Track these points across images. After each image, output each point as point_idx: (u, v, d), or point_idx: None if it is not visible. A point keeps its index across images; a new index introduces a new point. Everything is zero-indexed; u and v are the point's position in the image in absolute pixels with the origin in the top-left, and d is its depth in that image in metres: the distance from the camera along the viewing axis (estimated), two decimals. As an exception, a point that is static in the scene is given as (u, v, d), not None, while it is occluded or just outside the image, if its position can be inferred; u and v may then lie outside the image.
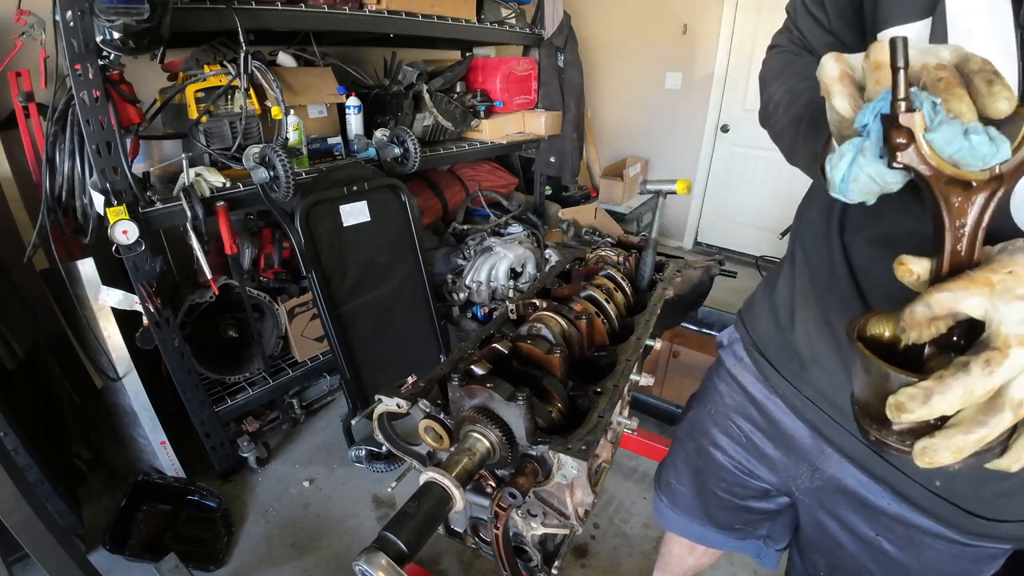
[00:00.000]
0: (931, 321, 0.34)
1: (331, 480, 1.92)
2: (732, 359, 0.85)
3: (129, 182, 1.42)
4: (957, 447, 0.32)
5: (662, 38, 3.85)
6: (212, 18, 1.51)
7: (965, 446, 0.32)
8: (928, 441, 0.33)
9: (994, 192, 0.34)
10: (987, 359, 0.31)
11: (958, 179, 0.35)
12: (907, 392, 0.33)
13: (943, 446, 0.33)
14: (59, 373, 1.79)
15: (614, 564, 1.65)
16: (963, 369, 0.31)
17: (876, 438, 0.37)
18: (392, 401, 0.74)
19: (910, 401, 0.33)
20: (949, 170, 0.34)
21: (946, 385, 0.32)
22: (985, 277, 0.32)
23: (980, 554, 0.63)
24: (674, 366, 2.44)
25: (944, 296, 0.33)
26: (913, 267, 0.36)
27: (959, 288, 0.32)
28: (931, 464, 0.33)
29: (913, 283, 0.37)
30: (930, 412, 0.32)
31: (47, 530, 0.98)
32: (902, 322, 0.35)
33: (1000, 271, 0.33)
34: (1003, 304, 0.32)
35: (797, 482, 0.78)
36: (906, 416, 0.33)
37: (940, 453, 0.33)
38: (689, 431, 0.94)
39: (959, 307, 0.33)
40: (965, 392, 0.31)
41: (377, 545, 0.49)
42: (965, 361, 0.32)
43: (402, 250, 2.12)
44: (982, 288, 0.32)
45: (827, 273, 0.66)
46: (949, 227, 0.35)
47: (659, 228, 1.22)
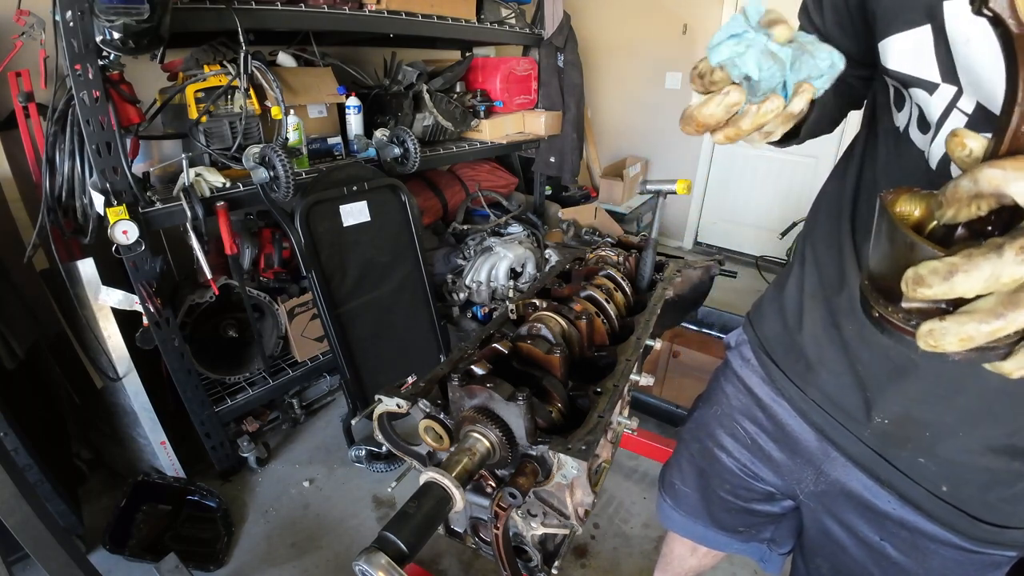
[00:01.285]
0: (974, 199, 0.31)
1: (331, 480, 1.92)
2: (739, 360, 0.85)
3: (129, 182, 1.42)
4: (968, 335, 0.30)
5: (662, 38, 3.85)
6: (212, 18, 1.51)
7: (977, 335, 0.30)
8: (937, 323, 0.31)
9: None
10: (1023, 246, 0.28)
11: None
12: (930, 265, 0.30)
13: (953, 331, 0.30)
14: (59, 373, 1.79)
15: (614, 564, 1.64)
16: (996, 250, 0.29)
17: (880, 314, 0.35)
18: (392, 401, 0.74)
19: (931, 275, 0.30)
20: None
21: (974, 263, 0.29)
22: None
23: (985, 561, 0.62)
24: (674, 366, 2.44)
25: (995, 172, 0.30)
26: (968, 141, 0.33)
27: (1013, 167, 0.29)
28: (934, 347, 0.31)
29: (964, 159, 0.33)
30: (949, 290, 0.29)
31: (47, 530, 0.98)
32: (940, 197, 0.32)
33: None
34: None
35: (801, 485, 0.78)
36: (923, 291, 0.30)
37: (947, 338, 0.30)
38: (694, 432, 0.94)
39: (1008, 188, 0.29)
40: (992, 275, 0.29)
41: (377, 545, 0.49)
42: (1000, 242, 0.29)
43: (402, 250, 2.12)
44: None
45: (836, 274, 0.65)
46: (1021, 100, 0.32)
47: (659, 228, 1.22)
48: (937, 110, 0.49)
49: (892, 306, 0.34)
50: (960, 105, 0.47)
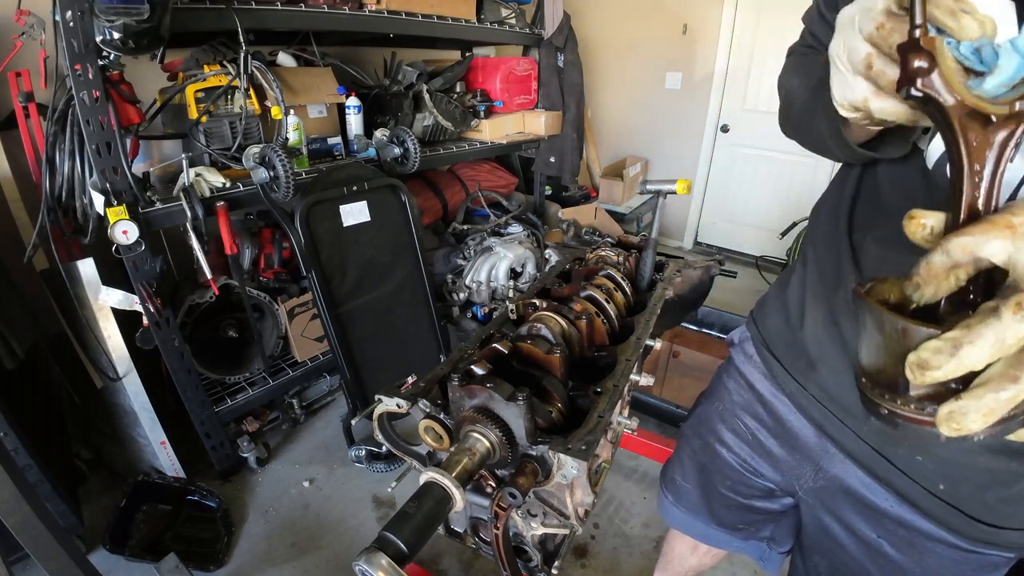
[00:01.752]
0: (950, 271, 0.31)
1: (331, 480, 1.92)
2: (742, 357, 0.86)
3: (129, 182, 1.42)
4: (989, 408, 0.28)
5: (662, 38, 3.85)
6: (212, 18, 1.51)
7: (997, 406, 0.28)
8: (955, 404, 0.29)
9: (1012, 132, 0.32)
10: (1018, 302, 0.27)
11: (977, 113, 0.33)
12: (931, 346, 0.29)
13: (973, 408, 0.28)
14: (59, 373, 1.79)
15: (614, 564, 1.64)
16: (993, 314, 0.28)
17: (890, 410, 0.33)
18: (392, 401, 0.74)
19: (935, 356, 0.29)
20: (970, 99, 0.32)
21: (976, 333, 0.28)
22: (1006, 220, 0.29)
23: (982, 561, 0.63)
24: (674, 366, 2.44)
25: (965, 240, 0.30)
26: (926, 220, 0.33)
27: (980, 232, 0.29)
28: (958, 431, 0.29)
29: (926, 238, 0.34)
30: (959, 366, 0.28)
31: (47, 530, 0.98)
32: (916, 278, 0.33)
33: (1021, 214, 0.30)
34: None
35: (801, 481, 0.78)
36: (931, 374, 0.29)
37: (970, 417, 0.29)
38: (696, 428, 0.94)
39: (981, 251, 0.30)
40: (997, 340, 0.28)
41: (377, 545, 0.49)
42: (994, 306, 0.28)
43: (402, 250, 2.12)
44: (1004, 231, 0.29)
45: (835, 273, 0.66)
46: (968, 171, 0.33)
47: (659, 228, 1.22)
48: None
49: (900, 398, 0.33)
50: None
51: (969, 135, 0.33)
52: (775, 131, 0.76)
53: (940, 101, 0.33)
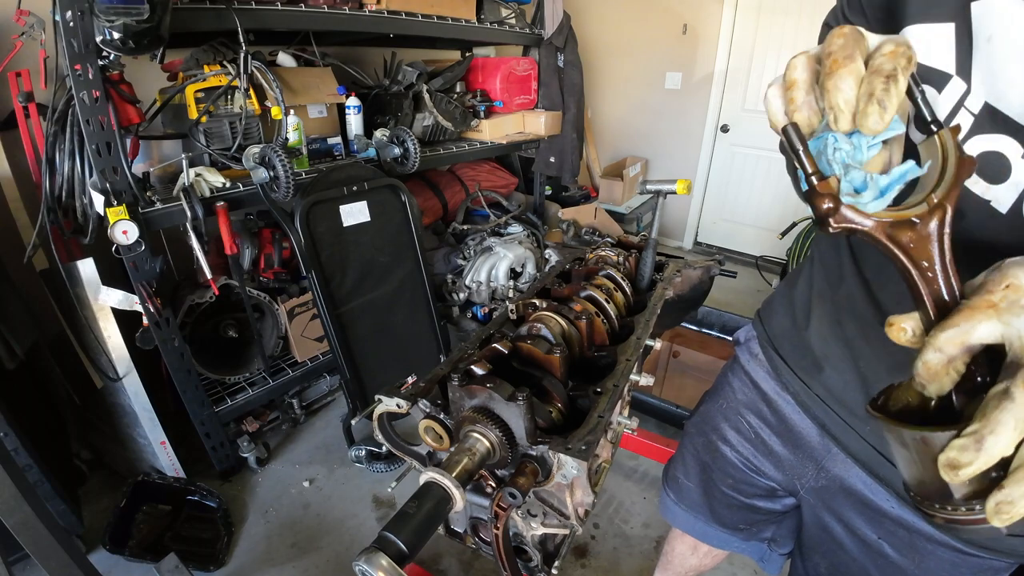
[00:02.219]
0: (948, 365, 0.31)
1: (331, 480, 1.92)
2: (747, 355, 0.86)
3: (129, 182, 1.42)
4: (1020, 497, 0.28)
5: (662, 38, 3.85)
6: (212, 18, 1.51)
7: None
8: (999, 495, 0.28)
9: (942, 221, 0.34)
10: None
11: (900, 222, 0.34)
12: (956, 444, 0.29)
13: (1017, 494, 0.28)
14: (59, 373, 1.79)
15: (614, 564, 1.64)
16: (1006, 398, 0.28)
17: (945, 519, 0.33)
18: (392, 401, 0.74)
19: (962, 453, 0.29)
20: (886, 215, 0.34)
21: (995, 421, 0.28)
22: (985, 300, 0.30)
23: (982, 565, 0.62)
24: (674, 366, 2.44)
25: (951, 333, 0.30)
26: (904, 324, 0.34)
27: (963, 319, 0.30)
28: (1011, 520, 0.28)
29: (910, 341, 0.34)
30: (989, 458, 0.28)
31: (47, 530, 0.98)
32: (918, 378, 0.33)
33: (996, 289, 0.30)
34: (1015, 319, 0.29)
35: (802, 480, 0.78)
36: (964, 472, 0.29)
37: (1017, 504, 0.28)
38: (699, 425, 0.94)
39: (971, 338, 0.30)
40: (1017, 422, 0.28)
41: (377, 545, 0.49)
42: (1004, 389, 0.28)
43: (402, 250, 2.12)
44: (987, 311, 0.30)
45: (837, 273, 0.66)
46: (917, 273, 0.34)
47: (659, 228, 1.22)
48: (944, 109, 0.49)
49: (949, 504, 0.32)
50: (968, 104, 0.47)
51: (902, 241, 0.34)
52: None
53: (860, 229, 0.34)
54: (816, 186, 0.33)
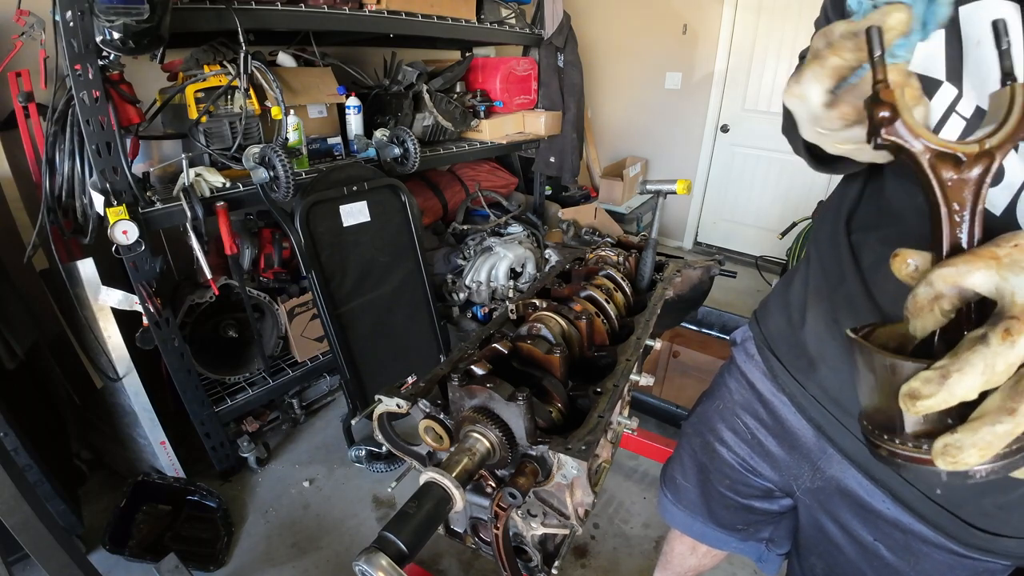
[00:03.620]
0: (934, 302, 0.31)
1: (331, 480, 1.92)
2: (743, 356, 0.86)
3: (129, 182, 1.42)
4: (985, 442, 0.28)
5: (662, 38, 3.85)
6: (212, 18, 1.51)
7: (994, 440, 0.28)
8: (950, 438, 0.29)
9: (986, 168, 0.33)
10: (1007, 328, 0.27)
11: (947, 154, 0.34)
12: (922, 376, 0.29)
13: (968, 442, 0.28)
14: (59, 373, 1.79)
15: (614, 564, 1.64)
16: (981, 342, 0.28)
17: (889, 451, 0.34)
18: (392, 401, 0.74)
19: (925, 385, 0.29)
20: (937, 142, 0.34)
21: (964, 361, 0.28)
22: (990, 252, 0.30)
23: (978, 567, 0.62)
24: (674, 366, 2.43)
25: (947, 271, 0.30)
26: (911, 259, 0.34)
27: (963, 262, 0.30)
28: (955, 465, 0.29)
29: (911, 275, 0.34)
30: (950, 396, 0.28)
31: (47, 530, 0.98)
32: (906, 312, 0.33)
33: (1005, 245, 0.30)
34: (1013, 276, 0.29)
35: (799, 482, 0.78)
36: (922, 403, 0.29)
37: (965, 451, 0.28)
38: (697, 426, 0.95)
39: (964, 281, 0.30)
40: (986, 367, 0.28)
41: (377, 545, 0.49)
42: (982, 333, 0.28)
43: (402, 250, 2.12)
44: (988, 262, 0.29)
45: (836, 272, 0.66)
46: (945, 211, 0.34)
47: (659, 228, 1.22)
48: (936, 114, 0.49)
49: (898, 437, 0.33)
50: (959, 109, 0.47)
51: (942, 176, 0.34)
52: (775, 131, 0.76)
53: (907, 147, 0.34)
54: (881, 92, 0.33)
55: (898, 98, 0.33)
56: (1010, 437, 0.28)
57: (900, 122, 0.34)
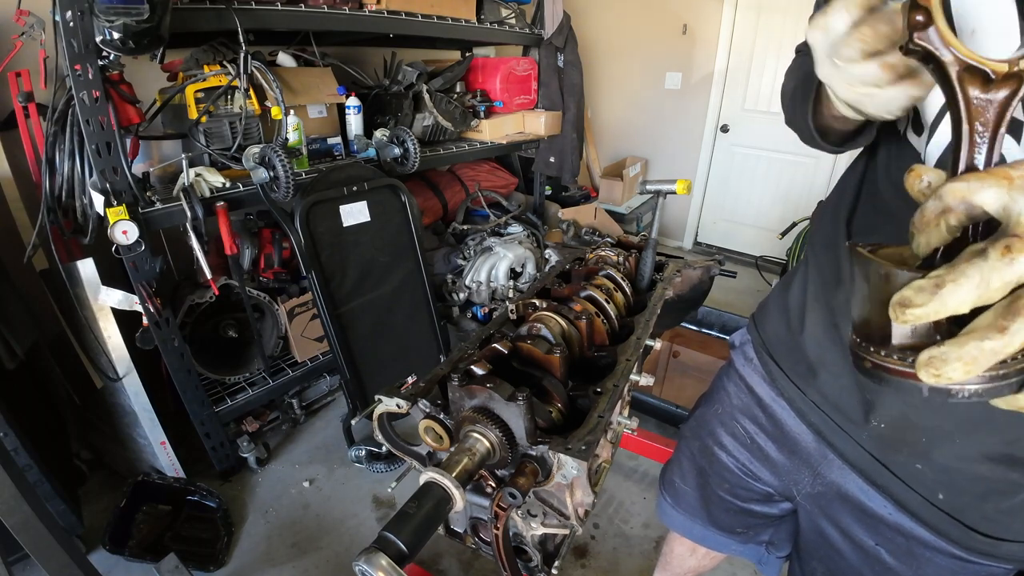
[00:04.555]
0: (941, 216, 0.30)
1: (331, 480, 1.92)
2: (742, 360, 0.86)
3: (129, 182, 1.42)
4: (971, 356, 0.27)
5: (662, 38, 3.85)
6: (212, 18, 1.51)
7: (980, 356, 0.27)
8: (935, 350, 0.29)
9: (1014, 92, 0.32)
10: (1007, 244, 0.27)
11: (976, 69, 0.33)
12: (915, 284, 0.29)
13: (954, 355, 0.28)
14: (59, 373, 1.79)
15: (614, 564, 1.64)
16: (980, 255, 0.27)
17: (873, 363, 0.33)
18: (392, 401, 0.74)
19: (917, 294, 0.28)
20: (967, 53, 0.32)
21: (959, 272, 0.27)
22: (1004, 171, 0.29)
23: (981, 572, 0.62)
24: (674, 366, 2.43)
25: (958, 185, 0.29)
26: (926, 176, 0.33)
27: (975, 179, 0.29)
28: (938, 379, 0.28)
29: (923, 191, 0.33)
30: (941, 306, 0.28)
31: (47, 530, 0.98)
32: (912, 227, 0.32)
33: (1021, 167, 0.29)
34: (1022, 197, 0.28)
35: (799, 486, 0.78)
36: (912, 312, 0.28)
37: (950, 364, 0.28)
38: (695, 430, 0.94)
39: (974, 197, 0.29)
40: (982, 281, 0.27)
41: (377, 545, 0.49)
42: (982, 247, 0.28)
43: (402, 250, 2.12)
44: (1000, 180, 0.28)
45: (834, 276, 0.66)
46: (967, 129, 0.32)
47: (659, 228, 1.22)
48: (933, 109, 0.49)
49: (884, 349, 0.32)
50: None
51: (969, 91, 0.33)
52: (775, 131, 0.76)
53: (938, 56, 0.33)
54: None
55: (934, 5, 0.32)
56: (997, 356, 0.28)
57: (934, 28, 0.33)
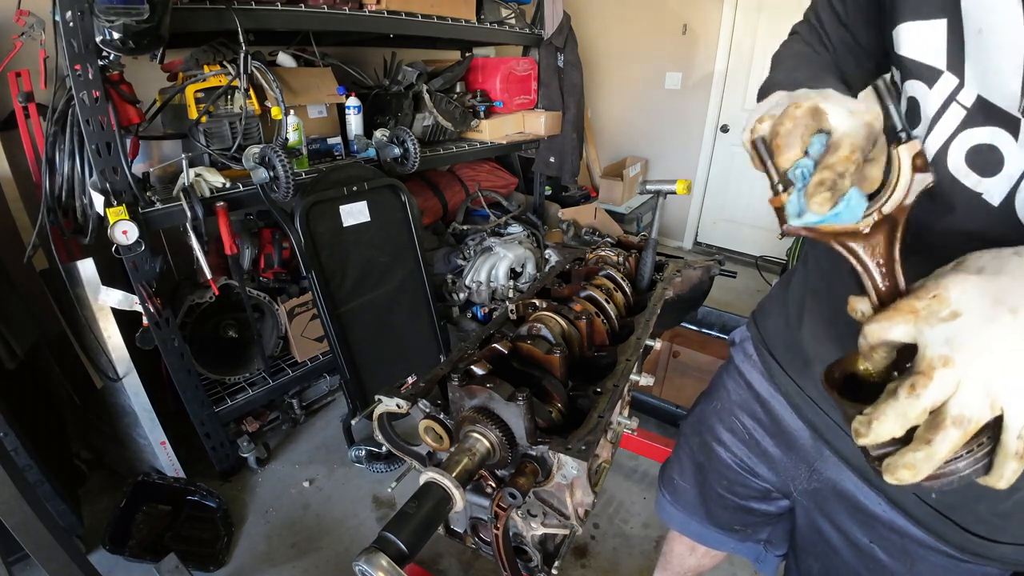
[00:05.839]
0: (872, 351, 0.37)
1: (331, 480, 1.92)
2: (741, 356, 0.86)
3: (129, 182, 1.42)
4: (910, 463, 0.34)
5: (662, 38, 3.85)
6: (212, 18, 1.51)
7: (917, 463, 0.34)
8: (889, 460, 0.36)
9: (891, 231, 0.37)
10: (912, 384, 0.33)
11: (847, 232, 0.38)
12: (857, 420, 0.36)
13: (899, 463, 0.35)
14: (59, 373, 1.79)
15: (614, 564, 1.64)
16: (893, 395, 0.34)
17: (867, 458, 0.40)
18: (392, 401, 0.74)
19: (861, 427, 0.36)
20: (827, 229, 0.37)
21: (880, 411, 0.35)
22: (910, 305, 0.35)
23: (975, 571, 0.62)
24: (674, 366, 2.43)
25: (873, 327, 0.36)
26: (858, 306, 0.39)
27: (885, 319, 0.35)
28: (896, 480, 0.35)
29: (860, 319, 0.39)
30: (877, 436, 0.35)
31: (47, 530, 0.98)
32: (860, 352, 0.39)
33: (925, 297, 0.35)
34: (928, 328, 0.34)
35: (796, 482, 0.78)
36: (861, 441, 0.36)
37: (899, 470, 0.35)
38: (695, 426, 0.95)
39: (888, 336, 0.35)
40: (900, 415, 0.34)
41: (377, 545, 0.49)
42: (894, 387, 0.35)
43: (402, 250, 2.12)
44: (907, 316, 0.34)
45: (832, 272, 0.66)
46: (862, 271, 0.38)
47: (659, 228, 1.22)
48: (935, 104, 0.49)
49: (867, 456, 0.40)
50: (960, 98, 0.47)
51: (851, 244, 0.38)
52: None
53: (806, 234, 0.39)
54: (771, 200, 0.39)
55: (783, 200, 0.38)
56: (934, 460, 0.34)
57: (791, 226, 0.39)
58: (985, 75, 0.45)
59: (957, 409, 0.33)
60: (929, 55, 0.49)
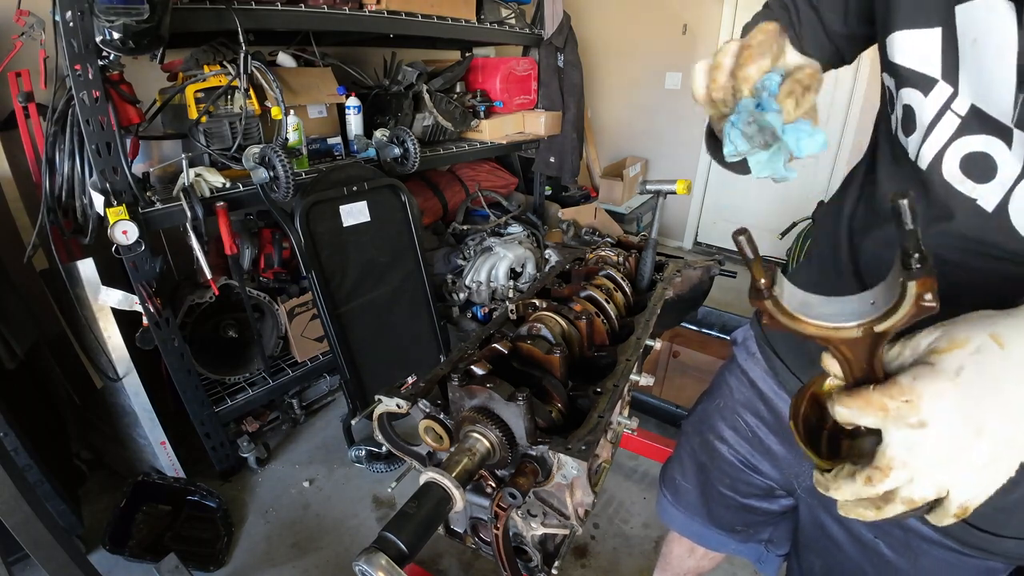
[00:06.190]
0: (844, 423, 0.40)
1: (331, 480, 1.92)
2: (744, 354, 0.86)
3: (129, 182, 1.42)
4: (861, 515, 0.39)
5: (662, 38, 3.85)
6: (212, 18, 1.51)
7: (867, 517, 0.39)
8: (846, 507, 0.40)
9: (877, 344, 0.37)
10: (869, 475, 0.37)
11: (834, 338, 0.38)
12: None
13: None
14: (59, 373, 1.79)
15: (614, 564, 1.64)
16: (850, 477, 0.38)
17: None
18: (392, 401, 0.74)
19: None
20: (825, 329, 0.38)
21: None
22: (882, 402, 0.36)
23: (979, 566, 0.62)
24: (674, 366, 2.43)
25: (843, 411, 0.38)
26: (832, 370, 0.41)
27: (856, 407, 0.37)
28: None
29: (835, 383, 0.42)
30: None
31: (47, 530, 0.98)
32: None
33: (898, 397, 0.36)
34: (894, 428, 0.36)
35: (799, 479, 0.78)
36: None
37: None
38: (696, 425, 0.95)
39: (857, 421, 0.38)
40: (853, 493, 0.38)
41: (377, 545, 0.49)
42: (853, 471, 0.38)
43: (402, 250, 2.12)
44: (878, 411, 0.36)
45: (835, 271, 0.66)
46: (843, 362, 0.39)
47: (659, 228, 1.22)
48: (930, 112, 0.49)
49: None
50: (954, 107, 0.47)
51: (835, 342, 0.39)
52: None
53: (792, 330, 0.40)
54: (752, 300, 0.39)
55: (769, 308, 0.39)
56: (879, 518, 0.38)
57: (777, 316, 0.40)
58: (979, 85, 0.45)
59: (907, 494, 0.37)
60: (924, 64, 0.49)
